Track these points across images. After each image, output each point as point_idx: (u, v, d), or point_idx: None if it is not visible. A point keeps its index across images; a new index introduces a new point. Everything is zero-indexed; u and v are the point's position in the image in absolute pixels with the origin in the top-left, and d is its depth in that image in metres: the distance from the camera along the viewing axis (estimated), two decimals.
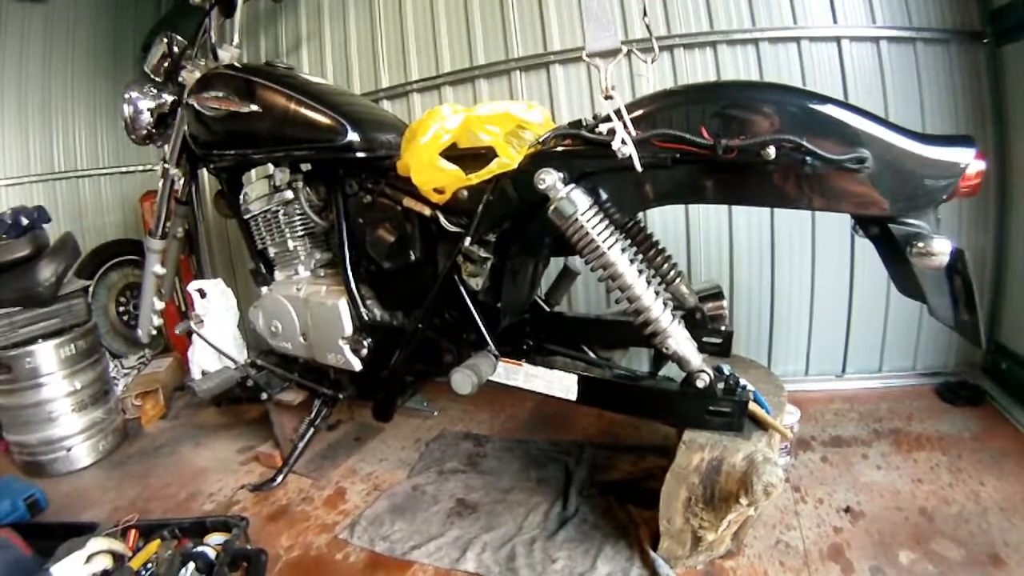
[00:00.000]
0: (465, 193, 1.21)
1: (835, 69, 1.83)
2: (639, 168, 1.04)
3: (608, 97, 1.05)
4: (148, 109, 1.76)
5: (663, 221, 1.98)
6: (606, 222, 1.12)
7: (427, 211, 1.27)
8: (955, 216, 1.86)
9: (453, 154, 1.22)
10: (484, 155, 1.18)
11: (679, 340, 1.12)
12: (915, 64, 1.83)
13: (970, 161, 0.92)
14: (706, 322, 1.42)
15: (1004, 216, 1.88)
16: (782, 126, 0.97)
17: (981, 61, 1.85)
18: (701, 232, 1.97)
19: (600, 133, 1.07)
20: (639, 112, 1.09)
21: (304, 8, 2.32)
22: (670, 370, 1.24)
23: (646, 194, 1.12)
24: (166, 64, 1.76)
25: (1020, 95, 1.78)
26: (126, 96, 1.76)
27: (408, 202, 1.29)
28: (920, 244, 0.93)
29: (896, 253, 0.98)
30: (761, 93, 1.12)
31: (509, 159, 1.16)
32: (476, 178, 1.18)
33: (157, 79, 1.78)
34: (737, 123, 1.01)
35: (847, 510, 1.35)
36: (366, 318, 1.42)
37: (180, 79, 1.70)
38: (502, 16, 2.06)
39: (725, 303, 1.44)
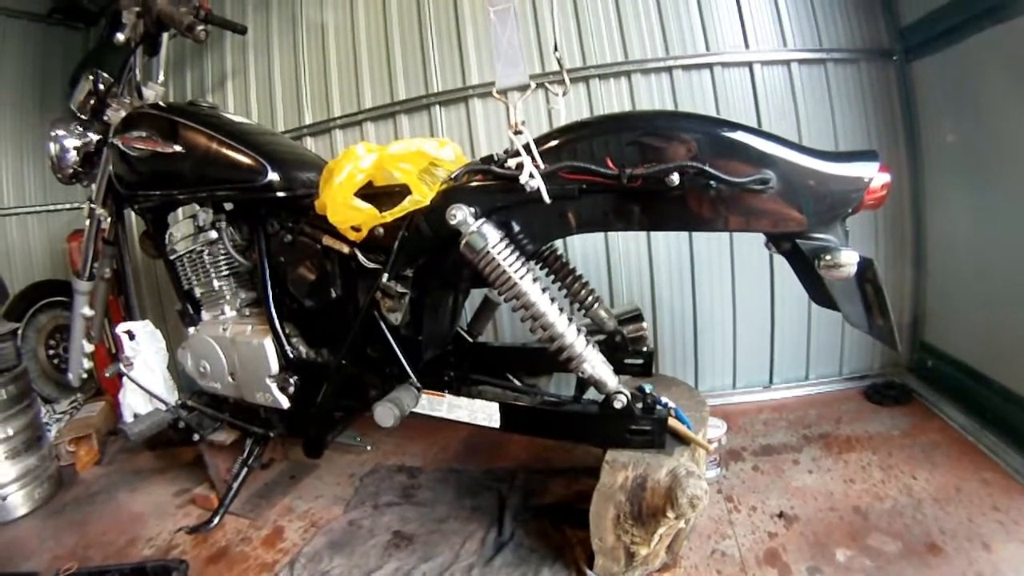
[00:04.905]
0: (381, 230, 1.23)
1: (748, 93, 1.89)
2: (547, 200, 1.07)
3: (517, 132, 1.09)
4: (74, 148, 1.74)
5: (583, 248, 2.00)
6: (517, 254, 1.14)
7: (345, 249, 1.28)
8: (872, 226, 1.95)
9: (369, 192, 1.23)
10: (399, 193, 1.20)
11: (594, 364, 1.14)
12: (826, 84, 1.91)
13: (874, 175, 0.96)
14: (627, 344, 1.45)
15: (920, 224, 1.97)
16: (687, 153, 1.00)
17: (891, 78, 1.94)
18: (621, 256, 2.00)
19: (509, 168, 1.09)
20: (549, 145, 1.11)
21: (229, 45, 2.30)
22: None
23: (561, 224, 1.14)
24: (92, 102, 1.74)
25: (930, 108, 1.87)
26: (52, 134, 1.73)
27: (327, 240, 1.30)
28: (828, 257, 0.96)
29: (807, 267, 1.01)
30: (667, 122, 1.16)
31: (422, 196, 1.18)
32: (390, 216, 1.19)
33: (83, 117, 1.75)
34: (643, 152, 1.04)
35: (781, 515, 1.37)
36: (292, 356, 1.42)
37: (106, 118, 1.69)
38: (422, 51, 2.07)
39: (645, 324, 1.47)
